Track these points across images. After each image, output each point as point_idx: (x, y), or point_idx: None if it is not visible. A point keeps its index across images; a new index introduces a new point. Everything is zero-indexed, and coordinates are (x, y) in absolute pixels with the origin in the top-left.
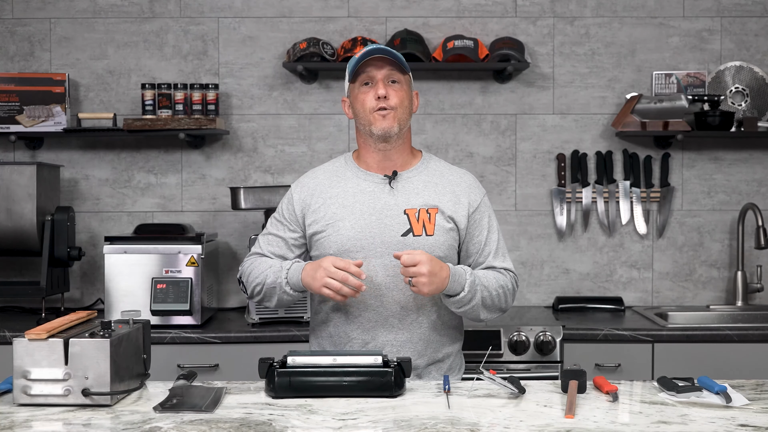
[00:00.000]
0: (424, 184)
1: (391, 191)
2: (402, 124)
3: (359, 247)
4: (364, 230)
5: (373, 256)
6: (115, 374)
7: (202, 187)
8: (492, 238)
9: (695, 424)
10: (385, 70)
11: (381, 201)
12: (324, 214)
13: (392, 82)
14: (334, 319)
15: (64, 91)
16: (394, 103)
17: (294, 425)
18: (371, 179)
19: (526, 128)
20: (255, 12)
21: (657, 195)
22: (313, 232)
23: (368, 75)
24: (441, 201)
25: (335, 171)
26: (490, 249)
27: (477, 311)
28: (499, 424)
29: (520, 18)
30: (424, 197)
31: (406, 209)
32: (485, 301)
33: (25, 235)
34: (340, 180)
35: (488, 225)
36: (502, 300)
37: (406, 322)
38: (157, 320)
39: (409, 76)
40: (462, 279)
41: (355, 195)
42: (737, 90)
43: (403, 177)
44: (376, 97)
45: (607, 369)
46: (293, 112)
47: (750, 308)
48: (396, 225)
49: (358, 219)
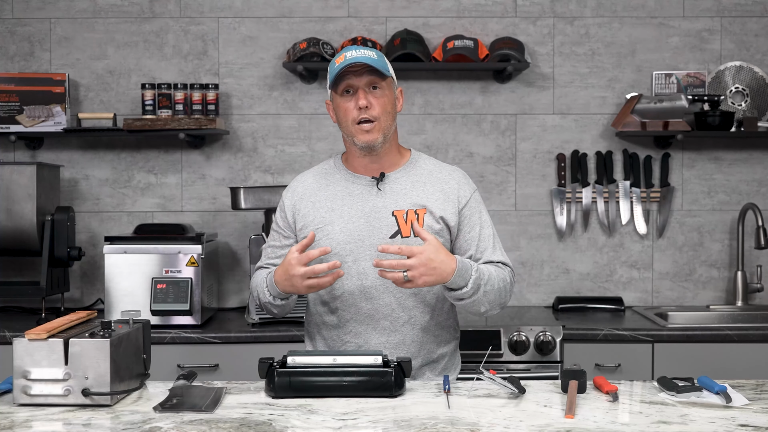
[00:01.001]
0: (413, 184)
1: (379, 193)
2: (386, 131)
3: (348, 251)
4: (353, 233)
5: (363, 258)
6: (115, 374)
7: (202, 187)
8: (485, 233)
9: (695, 424)
10: (365, 77)
11: (369, 203)
12: (313, 218)
13: (374, 88)
14: (327, 324)
15: (64, 91)
16: (377, 113)
17: (294, 425)
18: (359, 182)
19: (526, 128)
20: (255, 12)
21: (657, 195)
22: (304, 236)
23: (348, 83)
24: (429, 201)
25: (324, 174)
26: (486, 244)
27: (478, 306)
28: (499, 424)
29: (520, 18)
30: (412, 198)
31: (394, 211)
32: (488, 296)
33: (25, 235)
34: (328, 183)
35: (480, 221)
36: (502, 295)
37: (398, 324)
38: (157, 320)
39: (390, 77)
40: (467, 274)
41: (343, 198)
42: (737, 90)
43: (391, 178)
44: (357, 107)
45: (607, 369)
46: (293, 112)
47: (750, 308)
48: (384, 227)
49: (347, 222)
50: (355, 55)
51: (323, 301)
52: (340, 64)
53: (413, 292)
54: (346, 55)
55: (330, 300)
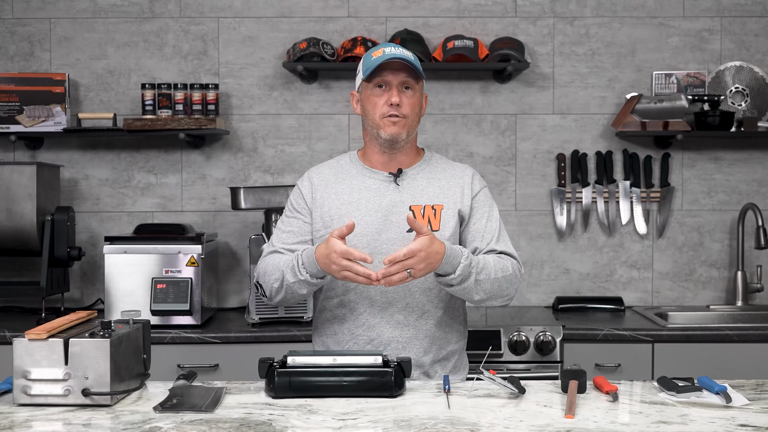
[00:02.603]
0: (428, 181)
1: (397, 188)
2: (411, 130)
3: (365, 244)
4: (370, 227)
5: (379, 252)
6: (115, 374)
7: (202, 187)
8: (492, 225)
9: (695, 424)
10: (401, 76)
11: (387, 198)
12: (329, 210)
13: (406, 88)
14: (338, 317)
15: (64, 91)
16: (407, 112)
17: (294, 425)
18: (376, 177)
19: (526, 128)
20: (255, 12)
21: (657, 195)
22: (318, 227)
23: (383, 78)
24: (446, 196)
25: (340, 168)
26: (492, 236)
27: (470, 293)
28: (499, 424)
29: (520, 18)
30: (429, 194)
31: (412, 206)
32: (482, 285)
33: (25, 235)
34: (345, 177)
35: (488, 213)
36: (502, 285)
37: (412, 318)
38: (157, 320)
39: (422, 81)
40: (456, 261)
41: (360, 191)
42: (737, 90)
43: (408, 174)
44: (389, 103)
45: (607, 369)
46: (293, 112)
47: (750, 308)
48: (401, 222)
49: (364, 215)
50: (394, 52)
51: (335, 295)
52: (379, 58)
53: (427, 287)
54: (385, 50)
55: (343, 293)
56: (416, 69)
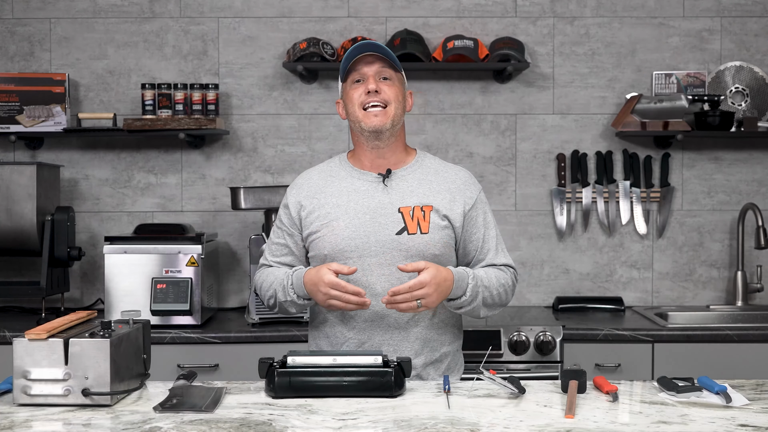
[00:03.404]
0: (419, 182)
1: (385, 189)
2: (395, 120)
3: (354, 247)
4: (359, 229)
5: (368, 255)
6: (115, 374)
7: (202, 187)
8: (490, 235)
9: (695, 424)
10: (376, 66)
11: (375, 200)
12: (318, 215)
13: (383, 78)
14: (330, 320)
15: (64, 91)
16: (388, 98)
17: (294, 425)
18: (365, 178)
19: (526, 128)
20: (255, 12)
21: (657, 195)
22: (309, 232)
23: (359, 72)
24: (436, 199)
25: (329, 171)
26: (489, 246)
27: (477, 311)
28: (499, 424)
29: (520, 18)
30: (419, 195)
31: (401, 207)
32: (486, 301)
33: (25, 235)
34: (334, 180)
35: (484, 222)
36: (502, 298)
37: (402, 321)
38: (157, 320)
39: (401, 74)
40: (464, 283)
41: (349, 194)
42: (737, 90)
43: (397, 175)
44: (366, 92)
45: (607, 369)
46: (293, 112)
47: (750, 308)
48: (390, 223)
49: (353, 218)
50: (366, 42)
51: None
52: (351, 49)
53: None
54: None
55: None
56: (390, 58)
